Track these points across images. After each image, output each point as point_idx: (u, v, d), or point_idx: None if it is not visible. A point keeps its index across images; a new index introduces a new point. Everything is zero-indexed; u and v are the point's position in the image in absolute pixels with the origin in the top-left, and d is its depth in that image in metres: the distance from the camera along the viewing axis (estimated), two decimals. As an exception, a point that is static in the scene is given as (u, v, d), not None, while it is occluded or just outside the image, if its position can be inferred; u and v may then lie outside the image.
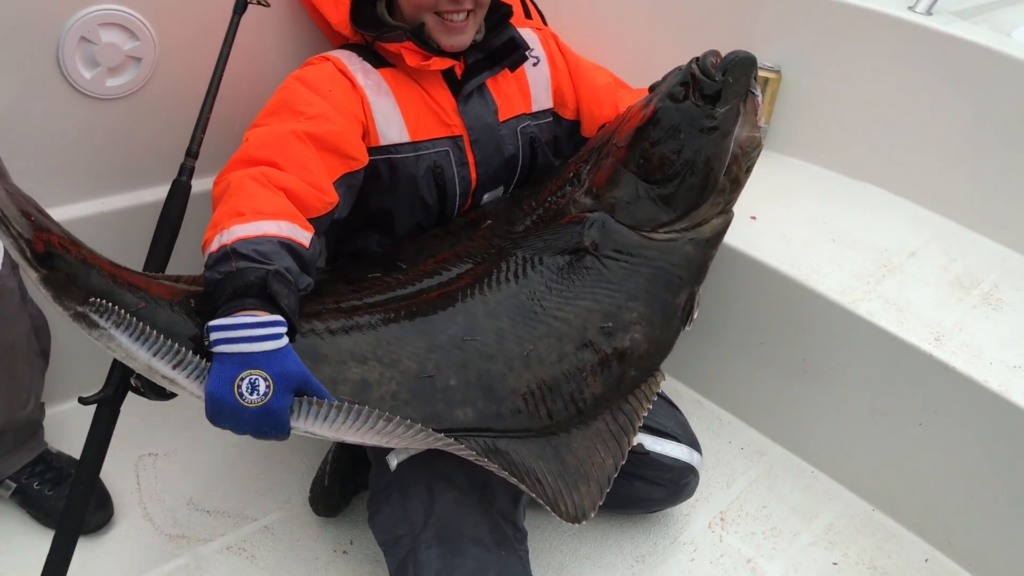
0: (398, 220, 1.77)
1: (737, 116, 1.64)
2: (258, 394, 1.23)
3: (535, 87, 1.90)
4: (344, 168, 1.58)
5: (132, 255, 1.54)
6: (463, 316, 1.53)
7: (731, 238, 1.90)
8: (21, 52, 1.69)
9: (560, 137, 2.01)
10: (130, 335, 1.25)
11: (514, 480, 1.43)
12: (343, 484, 1.87)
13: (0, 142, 1.72)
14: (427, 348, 1.48)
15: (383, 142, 1.69)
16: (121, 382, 1.44)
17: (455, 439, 1.40)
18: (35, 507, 1.76)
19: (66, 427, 1.92)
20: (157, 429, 2.01)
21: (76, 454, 1.52)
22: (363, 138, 1.66)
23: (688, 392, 2.27)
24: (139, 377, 1.38)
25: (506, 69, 1.82)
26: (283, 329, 1.29)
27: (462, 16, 1.69)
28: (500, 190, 1.87)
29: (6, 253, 1.56)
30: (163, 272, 1.57)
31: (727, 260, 2.01)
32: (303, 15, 1.91)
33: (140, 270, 1.54)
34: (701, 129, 1.62)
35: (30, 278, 1.23)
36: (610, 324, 1.59)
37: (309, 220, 1.47)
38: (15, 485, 1.75)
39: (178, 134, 1.68)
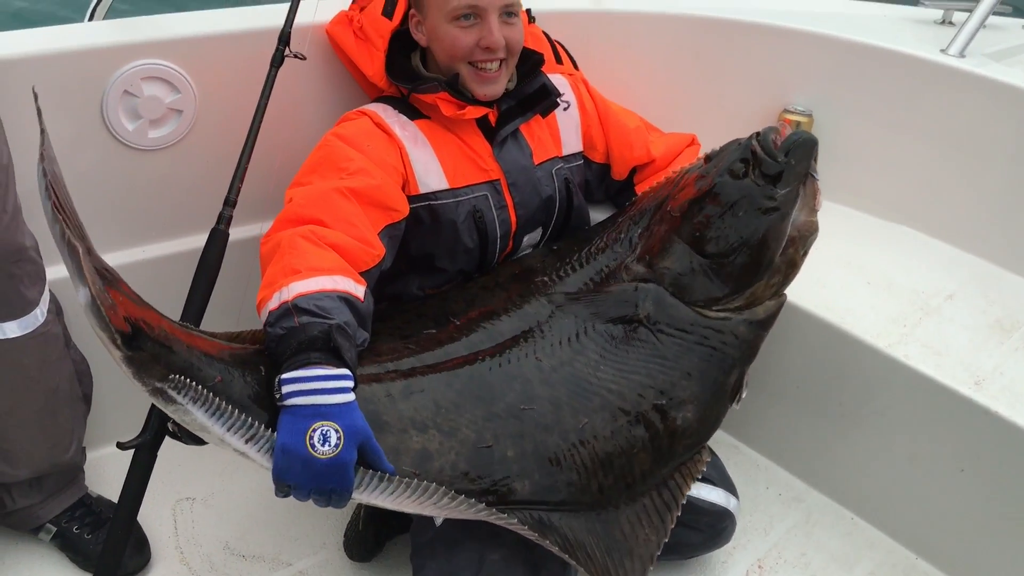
0: (439, 263, 1.79)
1: (797, 198, 1.63)
2: (329, 445, 1.25)
3: (565, 131, 1.93)
4: (387, 220, 1.62)
5: (171, 301, 1.57)
6: (519, 383, 1.54)
7: None
8: (68, 105, 1.75)
9: (591, 180, 2.03)
10: (206, 411, 1.27)
11: (567, 556, 1.44)
12: (377, 529, 1.87)
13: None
14: (485, 416, 1.49)
15: (423, 190, 1.72)
16: (158, 428, 1.47)
17: (511, 511, 1.41)
18: (74, 551, 1.78)
19: (106, 471, 1.95)
20: (194, 473, 2.03)
21: (115, 498, 1.54)
22: (403, 188, 1.69)
23: (725, 437, 2.25)
24: (176, 423, 1.39)
25: (538, 115, 1.85)
26: (351, 383, 1.32)
27: (495, 65, 1.72)
28: (539, 232, 1.89)
29: (50, 299, 1.61)
30: (199, 322, 1.60)
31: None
32: (339, 67, 1.95)
33: (179, 317, 1.58)
34: (760, 208, 1.61)
35: (112, 357, 1.25)
36: (663, 401, 1.59)
37: (363, 273, 1.50)
38: (55, 529, 1.77)
39: (217, 183, 1.71)
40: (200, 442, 1.42)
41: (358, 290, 1.46)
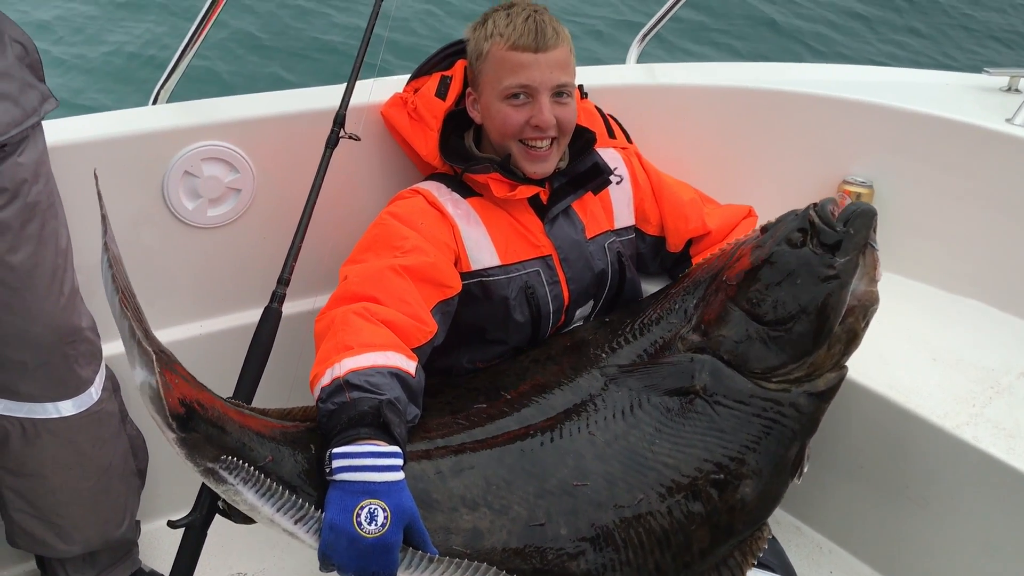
0: (491, 337, 1.79)
1: (856, 268, 1.61)
2: (376, 524, 1.24)
3: (618, 205, 1.93)
4: (439, 296, 1.64)
5: (226, 375, 1.61)
6: (572, 458, 1.52)
7: None
8: (131, 185, 1.81)
9: (644, 253, 2.01)
10: (256, 491, 1.29)
11: None
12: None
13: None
14: (537, 493, 1.47)
15: (475, 267, 1.74)
16: (209, 506, 1.48)
17: None
18: (128, 625, 1.79)
19: (161, 544, 1.96)
20: (247, 547, 2.01)
21: (168, 572, 1.53)
22: (455, 264, 1.71)
23: (786, 517, 2.16)
24: (226, 501, 1.40)
25: (590, 191, 1.85)
26: (400, 461, 1.32)
27: (546, 144, 1.74)
28: (591, 305, 1.88)
29: (106, 377, 1.64)
30: (252, 397, 1.61)
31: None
32: (392, 146, 1.98)
33: (232, 393, 1.60)
34: (819, 276, 1.60)
35: (166, 438, 1.28)
36: (722, 476, 1.55)
37: (416, 349, 1.51)
38: (109, 603, 1.78)
39: (272, 259, 1.74)
40: (250, 521, 1.42)
41: (409, 366, 1.47)
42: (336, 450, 1.29)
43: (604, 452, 1.53)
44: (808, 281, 1.60)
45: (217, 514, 1.48)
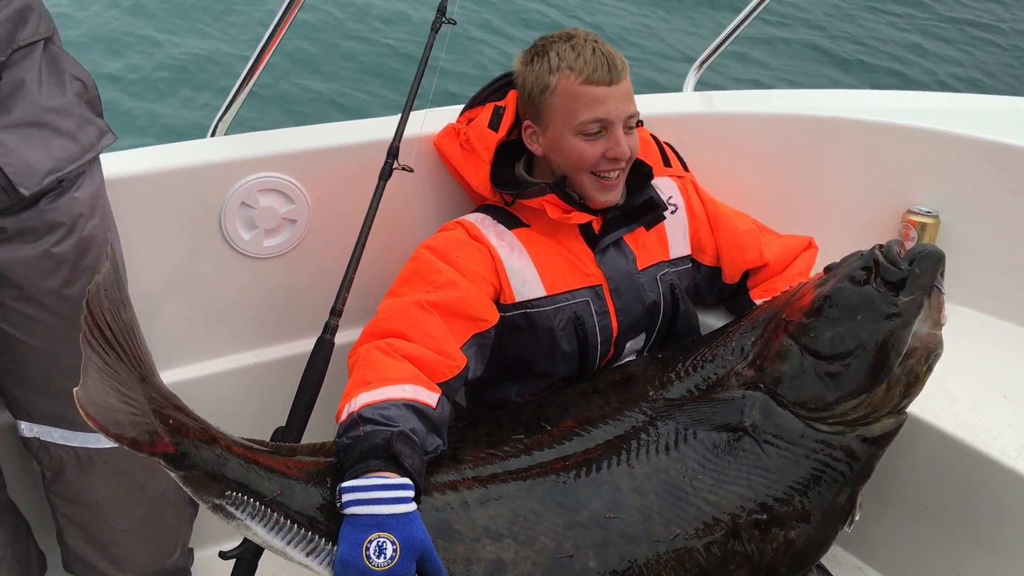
0: (537, 370, 1.78)
1: (919, 309, 1.59)
2: (385, 558, 1.25)
3: (672, 235, 1.90)
4: (473, 329, 1.63)
5: (281, 404, 1.64)
6: (608, 489, 1.50)
7: None
8: (189, 216, 1.84)
9: (700, 284, 1.98)
10: (265, 525, 1.30)
11: None
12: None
13: (172, 296, 1.87)
14: (567, 525, 1.45)
15: (518, 298, 1.72)
16: None
17: None
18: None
19: (214, 572, 1.96)
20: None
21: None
22: (498, 297, 1.71)
23: (847, 557, 2.09)
24: None
25: (642, 227, 1.83)
26: (411, 493, 1.31)
27: (616, 173, 1.74)
28: (642, 338, 1.85)
29: None
30: (304, 427, 1.62)
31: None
32: (446, 176, 1.98)
33: (284, 423, 1.60)
34: (880, 314, 1.58)
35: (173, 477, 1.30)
36: (764, 516, 1.52)
37: (441, 384, 1.51)
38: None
39: (326, 289, 1.75)
40: None
41: (430, 398, 1.47)
42: (345, 484, 1.30)
43: (642, 485, 1.51)
44: (869, 318, 1.58)
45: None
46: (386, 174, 1.76)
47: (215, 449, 1.33)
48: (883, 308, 1.58)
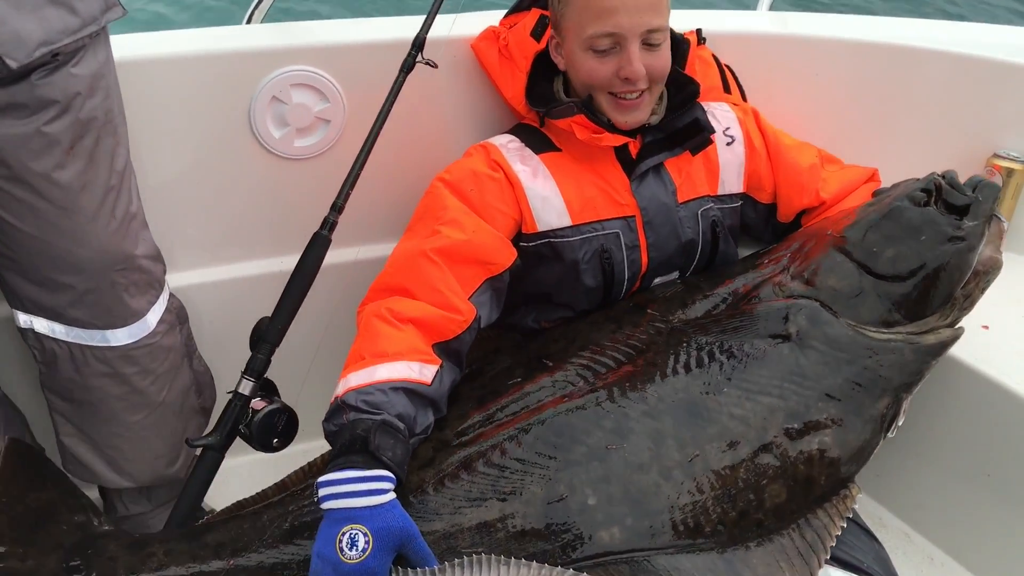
0: (557, 301, 1.68)
1: (983, 234, 1.58)
2: (356, 550, 1.23)
3: (726, 169, 1.75)
4: (484, 275, 1.54)
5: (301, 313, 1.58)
6: (612, 419, 1.41)
7: (958, 349, 1.65)
8: (217, 108, 1.72)
9: (756, 222, 1.84)
10: None
11: None
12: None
13: (193, 192, 1.77)
14: (558, 467, 1.37)
15: (541, 227, 1.61)
16: (230, 429, 1.50)
17: (604, 564, 1.28)
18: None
19: (225, 483, 1.87)
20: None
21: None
22: (519, 228, 1.61)
23: (895, 522, 1.97)
24: (248, 426, 1.48)
25: (689, 151, 1.68)
26: (388, 484, 1.28)
27: (636, 93, 1.58)
28: (675, 276, 1.73)
29: (165, 310, 1.57)
30: (289, 323, 1.56)
31: (952, 373, 1.73)
32: (480, 83, 1.85)
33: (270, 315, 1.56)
34: (947, 237, 1.57)
35: None
36: (797, 424, 1.43)
37: (446, 342, 1.46)
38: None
39: (357, 197, 1.63)
40: (271, 449, 1.49)
41: (426, 374, 1.41)
42: (322, 479, 1.28)
43: (655, 408, 1.42)
44: (934, 239, 1.56)
45: (238, 437, 1.51)
46: (408, 66, 1.62)
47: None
48: (948, 231, 1.56)
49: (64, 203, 1.35)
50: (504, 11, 1.80)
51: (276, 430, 1.50)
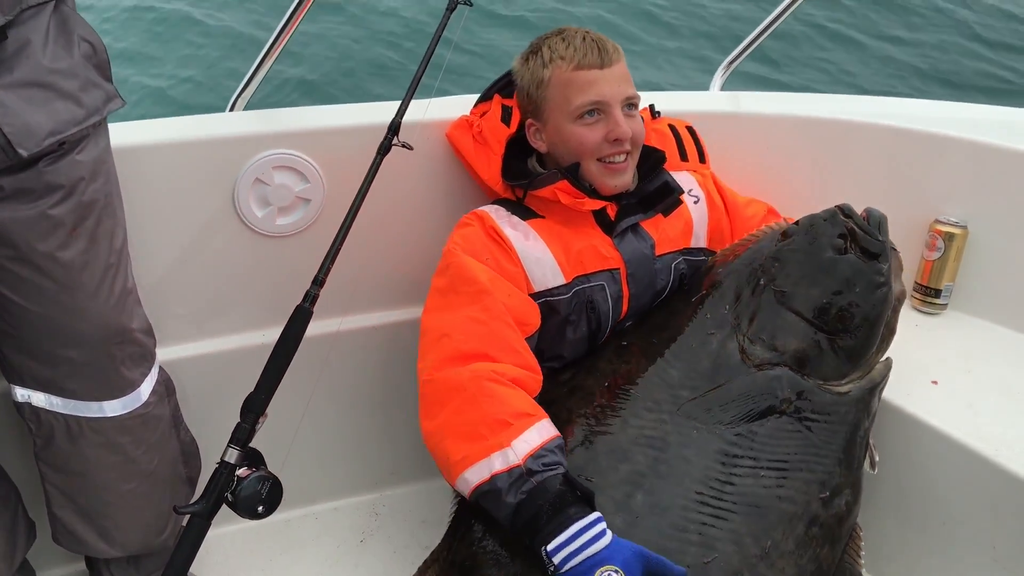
0: (548, 355, 1.75)
1: (893, 272, 1.73)
2: None
3: (698, 225, 1.88)
4: (525, 335, 1.64)
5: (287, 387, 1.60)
6: (696, 535, 1.50)
7: (911, 404, 1.80)
8: (203, 190, 1.81)
9: None
10: None
11: None
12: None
13: (181, 270, 1.84)
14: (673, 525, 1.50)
15: (538, 288, 1.70)
16: (216, 498, 1.51)
17: None
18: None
19: (211, 553, 1.91)
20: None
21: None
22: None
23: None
24: (233, 494, 1.50)
25: (660, 213, 1.80)
26: (603, 522, 1.38)
27: (623, 157, 1.71)
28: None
29: (159, 380, 1.62)
30: (271, 395, 1.58)
31: (905, 428, 1.82)
32: (452, 163, 1.96)
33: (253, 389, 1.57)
34: (874, 285, 1.69)
35: None
36: (827, 493, 1.58)
37: (535, 399, 1.54)
38: (152, 611, 1.75)
39: (339, 271, 1.70)
40: (255, 516, 1.50)
41: (553, 428, 1.50)
42: (551, 547, 1.35)
43: (722, 510, 1.51)
44: (866, 289, 1.68)
45: (225, 505, 1.52)
46: (384, 149, 1.71)
47: None
48: (874, 279, 1.68)
49: (67, 281, 1.42)
50: (471, 94, 1.93)
51: (260, 498, 1.51)
